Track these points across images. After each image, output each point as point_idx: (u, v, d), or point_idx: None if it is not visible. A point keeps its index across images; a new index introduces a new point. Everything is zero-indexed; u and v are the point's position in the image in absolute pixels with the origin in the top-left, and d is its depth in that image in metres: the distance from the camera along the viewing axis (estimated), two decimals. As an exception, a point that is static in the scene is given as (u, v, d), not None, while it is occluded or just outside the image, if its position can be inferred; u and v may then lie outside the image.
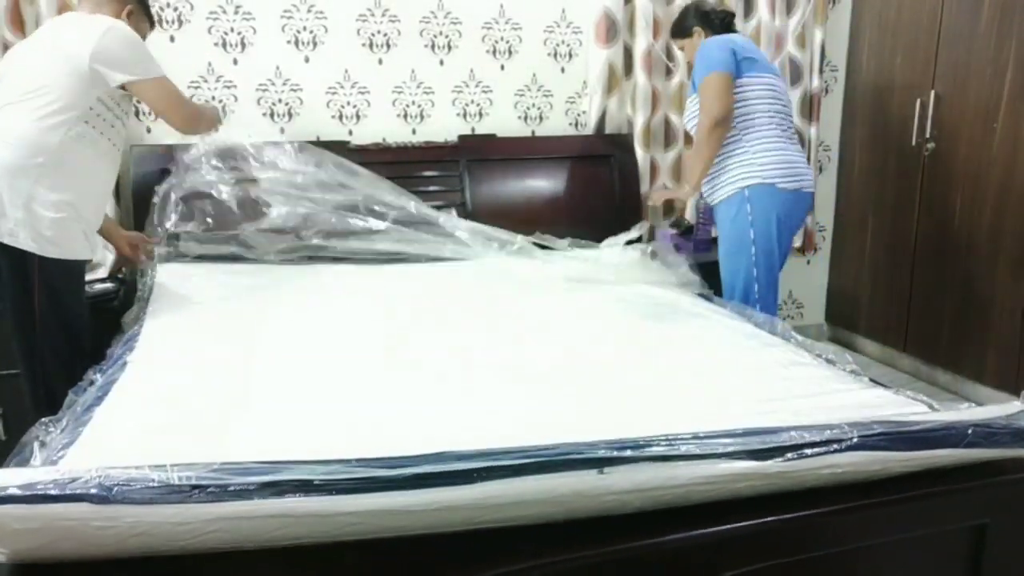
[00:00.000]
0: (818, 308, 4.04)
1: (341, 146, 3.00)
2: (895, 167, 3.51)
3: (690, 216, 3.29)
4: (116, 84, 2.09)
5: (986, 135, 3.04)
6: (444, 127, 3.20)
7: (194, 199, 2.65)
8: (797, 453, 1.24)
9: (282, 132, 3.03)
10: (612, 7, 3.21)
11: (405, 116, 3.17)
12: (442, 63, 3.17)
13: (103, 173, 2.21)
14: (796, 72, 3.49)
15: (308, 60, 3.02)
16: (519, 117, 3.32)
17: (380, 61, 3.10)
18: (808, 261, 3.91)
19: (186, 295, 2.32)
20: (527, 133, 3.33)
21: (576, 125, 3.40)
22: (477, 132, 3.24)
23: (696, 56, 2.66)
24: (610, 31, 3.23)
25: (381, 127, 3.13)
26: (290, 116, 3.04)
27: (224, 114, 2.95)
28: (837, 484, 1.29)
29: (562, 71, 3.34)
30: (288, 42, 2.99)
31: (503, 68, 3.25)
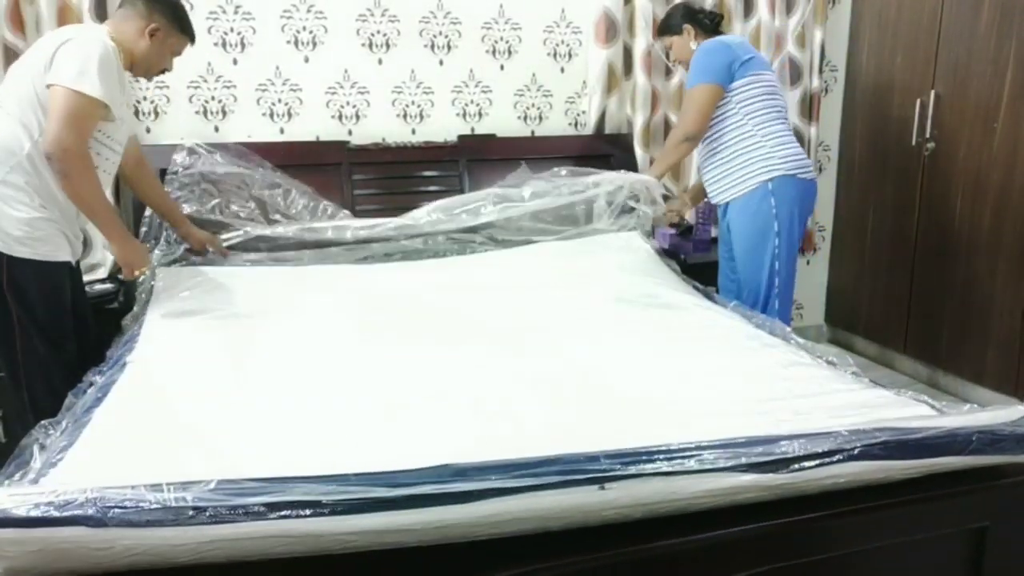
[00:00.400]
0: (817, 309, 4.04)
1: (341, 146, 3.00)
2: (895, 167, 3.51)
3: (689, 216, 3.28)
4: (44, 84, 1.99)
5: (986, 135, 3.04)
6: (444, 127, 3.20)
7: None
8: (799, 465, 1.24)
9: (282, 132, 3.03)
10: (612, 7, 3.21)
11: (405, 116, 3.16)
12: (442, 63, 3.17)
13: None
14: (796, 72, 3.49)
15: (308, 60, 3.01)
16: (519, 117, 3.32)
17: (380, 61, 3.09)
18: (808, 261, 3.91)
19: (186, 297, 2.31)
20: (527, 133, 3.33)
21: (576, 125, 3.40)
22: (477, 132, 3.24)
23: (694, 58, 2.67)
24: (610, 31, 3.23)
25: (381, 127, 3.13)
26: (290, 116, 3.03)
27: (224, 115, 2.95)
28: (838, 490, 1.29)
29: (562, 71, 3.33)
30: (288, 42, 2.98)
31: (503, 68, 3.25)
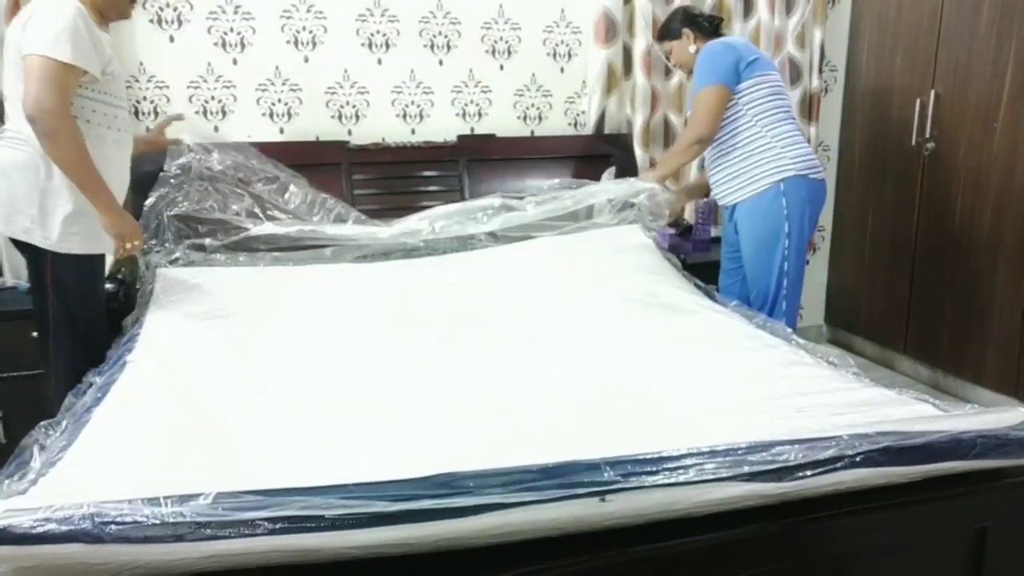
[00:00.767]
0: (817, 309, 4.04)
1: (340, 146, 3.00)
2: (895, 167, 3.51)
3: (688, 216, 3.29)
4: (21, 55, 1.92)
5: (986, 135, 3.04)
6: (443, 127, 3.20)
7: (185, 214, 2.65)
8: (801, 474, 1.24)
9: (281, 132, 3.03)
10: (611, 7, 3.21)
11: (404, 116, 3.16)
12: (441, 63, 3.17)
13: (107, 160, 2.10)
14: (796, 72, 3.49)
15: (307, 60, 3.01)
16: (518, 117, 3.32)
17: (379, 61, 3.09)
18: (807, 261, 3.90)
19: (186, 297, 2.31)
20: (526, 133, 3.33)
21: (575, 125, 3.40)
22: (476, 132, 3.24)
23: (699, 60, 2.67)
24: (609, 31, 3.23)
25: (380, 127, 3.13)
26: (289, 116, 3.03)
27: (224, 115, 2.95)
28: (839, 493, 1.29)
29: (561, 71, 3.33)
30: (288, 42, 2.98)
31: (502, 68, 3.25)
